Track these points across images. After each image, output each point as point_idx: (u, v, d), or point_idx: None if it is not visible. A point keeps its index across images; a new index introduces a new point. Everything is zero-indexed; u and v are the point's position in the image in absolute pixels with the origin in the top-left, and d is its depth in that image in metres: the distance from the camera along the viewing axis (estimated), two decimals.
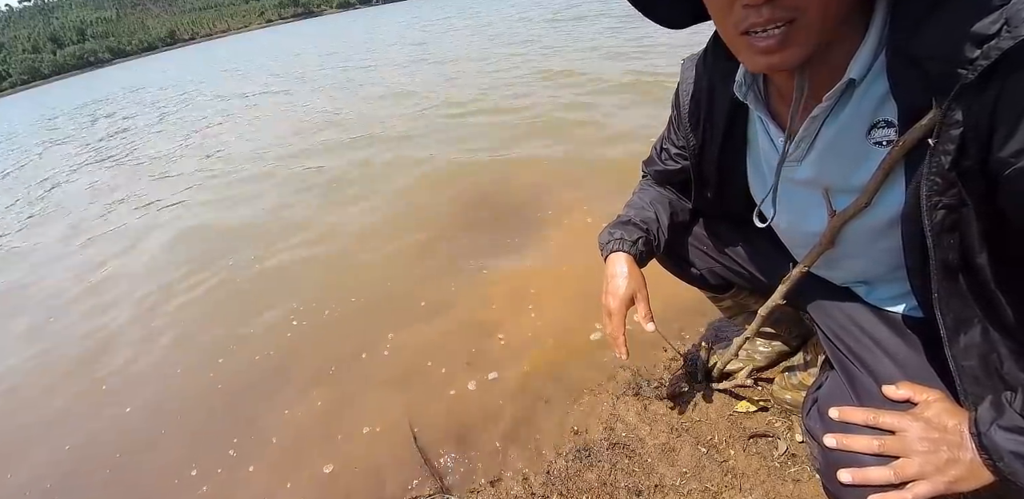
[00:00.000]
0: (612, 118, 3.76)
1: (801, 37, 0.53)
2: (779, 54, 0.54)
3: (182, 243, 3.26)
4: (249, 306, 2.31)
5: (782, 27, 0.52)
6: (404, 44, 12.59)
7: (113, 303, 2.69)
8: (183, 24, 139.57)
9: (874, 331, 0.74)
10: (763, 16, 0.51)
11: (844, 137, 0.62)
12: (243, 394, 1.77)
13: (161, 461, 1.59)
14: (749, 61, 0.58)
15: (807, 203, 0.71)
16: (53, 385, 2.12)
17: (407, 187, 3.32)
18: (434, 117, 4.93)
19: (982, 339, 0.59)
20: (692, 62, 0.83)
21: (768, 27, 0.52)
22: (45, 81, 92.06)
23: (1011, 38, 0.43)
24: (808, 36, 0.53)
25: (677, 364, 1.43)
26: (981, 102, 0.47)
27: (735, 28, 0.55)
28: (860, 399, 0.69)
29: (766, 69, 0.57)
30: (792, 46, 0.53)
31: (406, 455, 1.37)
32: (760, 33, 0.53)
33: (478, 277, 2.11)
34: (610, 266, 0.95)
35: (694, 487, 1.11)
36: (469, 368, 1.63)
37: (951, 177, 0.51)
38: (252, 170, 4.52)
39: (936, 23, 0.49)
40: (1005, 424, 0.54)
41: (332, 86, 8.26)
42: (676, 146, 0.95)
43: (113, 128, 9.09)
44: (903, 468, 0.58)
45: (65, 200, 5.06)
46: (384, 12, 46.94)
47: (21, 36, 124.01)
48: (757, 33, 0.53)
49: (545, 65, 6.09)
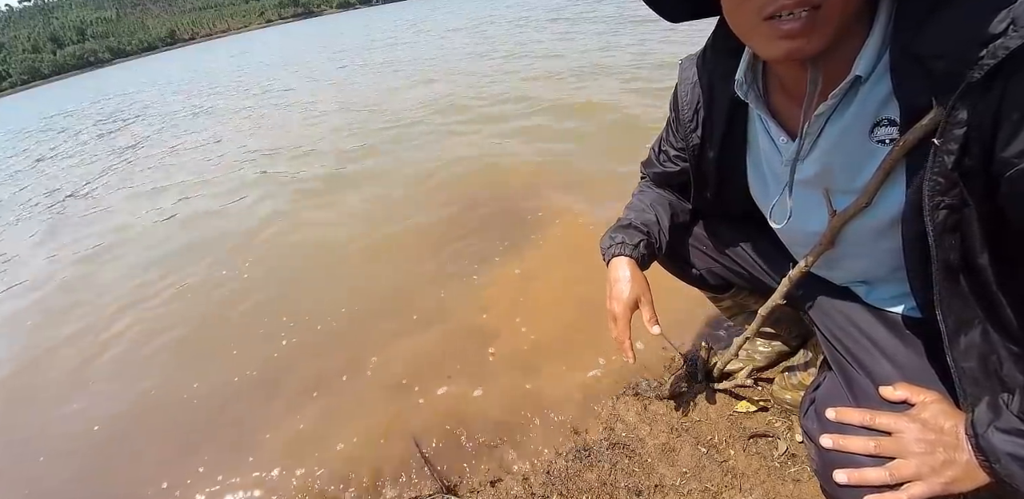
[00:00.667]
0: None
1: (824, 24, 0.52)
2: (802, 39, 0.53)
3: (155, 264, 3.06)
4: (238, 315, 2.29)
5: (808, 11, 0.51)
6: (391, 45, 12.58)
7: (83, 314, 2.61)
8: (183, 24, 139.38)
9: (872, 332, 0.75)
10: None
11: (848, 135, 0.62)
12: (243, 394, 1.78)
13: (149, 469, 1.57)
14: (769, 47, 0.56)
15: (808, 203, 0.71)
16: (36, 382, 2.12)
17: (395, 191, 3.29)
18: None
19: (982, 340, 0.59)
20: (691, 62, 0.82)
21: (796, 10, 0.51)
22: (45, 81, 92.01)
23: (1019, 37, 0.43)
24: (830, 24, 0.52)
25: (677, 364, 1.43)
26: (986, 102, 0.46)
27: (758, 14, 0.54)
28: (857, 400, 0.70)
29: (786, 55, 0.55)
30: (816, 31, 0.53)
31: (406, 456, 1.38)
32: (786, 16, 0.52)
33: (472, 281, 2.12)
34: (613, 270, 0.95)
35: (694, 487, 1.11)
36: (469, 368, 1.63)
37: (954, 177, 0.51)
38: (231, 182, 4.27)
39: (941, 21, 0.49)
40: (1002, 426, 0.54)
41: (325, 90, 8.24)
42: (675, 147, 0.95)
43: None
44: (899, 469, 0.58)
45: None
46: (382, 12, 46.75)
47: (21, 36, 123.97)
48: (782, 16, 0.52)
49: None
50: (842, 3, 0.51)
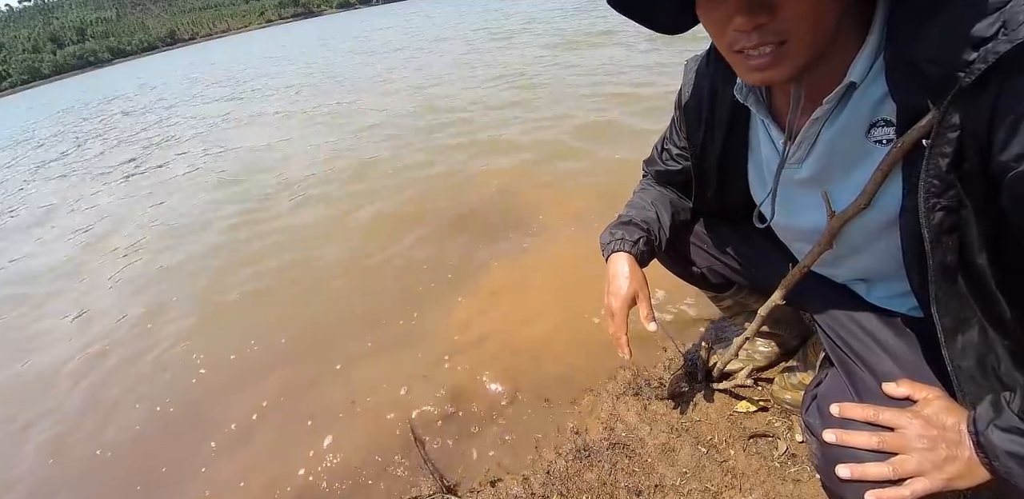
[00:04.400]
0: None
1: (791, 55, 0.55)
2: (771, 71, 0.57)
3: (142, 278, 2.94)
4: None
5: (772, 47, 0.55)
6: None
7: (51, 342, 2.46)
8: (183, 24, 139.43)
9: (874, 330, 0.75)
10: (752, 41, 0.55)
11: (844, 138, 0.63)
12: (240, 395, 1.78)
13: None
14: (744, 76, 0.62)
15: (807, 204, 0.72)
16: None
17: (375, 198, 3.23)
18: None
19: (980, 340, 0.59)
20: (695, 64, 0.83)
21: (759, 48, 0.55)
22: (45, 81, 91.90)
23: (1008, 41, 0.43)
24: (798, 54, 0.55)
25: (677, 364, 1.43)
26: (979, 105, 0.47)
27: (729, 48, 0.58)
28: (860, 396, 0.70)
29: (760, 83, 0.61)
30: (783, 63, 0.56)
31: (407, 456, 1.37)
32: (752, 53, 0.56)
33: (474, 277, 2.12)
34: (612, 266, 0.96)
35: (694, 487, 1.11)
36: (470, 369, 1.63)
37: (949, 179, 0.51)
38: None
39: (934, 25, 0.49)
40: (1002, 424, 0.54)
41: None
42: (677, 146, 0.96)
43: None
44: (902, 465, 0.58)
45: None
46: (378, 12, 46.64)
47: (21, 36, 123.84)
48: (748, 53, 0.57)
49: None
50: (809, 36, 0.54)
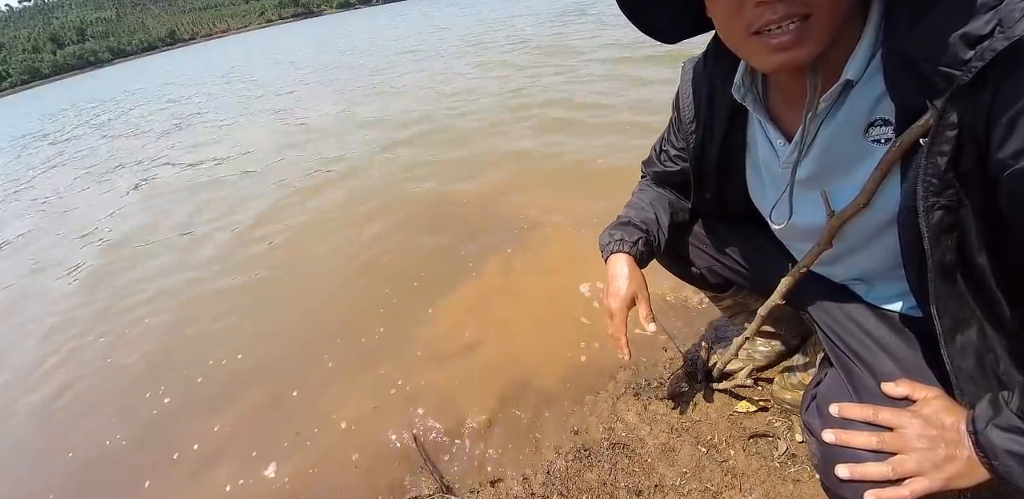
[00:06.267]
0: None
1: (816, 32, 0.53)
2: (794, 50, 0.54)
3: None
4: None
5: (796, 22, 0.52)
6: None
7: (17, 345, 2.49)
8: (183, 24, 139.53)
9: (873, 329, 0.75)
10: (778, 13, 0.52)
11: (841, 136, 0.63)
12: (239, 394, 1.78)
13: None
14: (762, 60, 0.58)
15: (806, 203, 0.71)
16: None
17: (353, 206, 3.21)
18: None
19: (979, 339, 0.59)
20: (692, 64, 0.83)
21: (784, 23, 0.52)
22: (45, 81, 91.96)
23: (1005, 38, 0.43)
24: (822, 31, 0.53)
25: (677, 364, 1.43)
26: (976, 103, 0.47)
27: (747, 29, 0.55)
28: (859, 396, 0.70)
29: (780, 67, 0.57)
30: (808, 41, 0.54)
31: (407, 456, 1.37)
32: (775, 30, 0.53)
33: (472, 279, 2.12)
34: (611, 267, 0.96)
35: (694, 487, 1.11)
36: (470, 369, 1.63)
37: (948, 178, 0.51)
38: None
39: (929, 24, 0.49)
40: (1001, 424, 0.54)
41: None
42: (675, 147, 0.96)
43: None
44: (901, 464, 0.58)
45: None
46: (379, 12, 46.39)
47: (21, 36, 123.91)
48: (771, 31, 0.53)
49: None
50: (832, 10, 0.52)
